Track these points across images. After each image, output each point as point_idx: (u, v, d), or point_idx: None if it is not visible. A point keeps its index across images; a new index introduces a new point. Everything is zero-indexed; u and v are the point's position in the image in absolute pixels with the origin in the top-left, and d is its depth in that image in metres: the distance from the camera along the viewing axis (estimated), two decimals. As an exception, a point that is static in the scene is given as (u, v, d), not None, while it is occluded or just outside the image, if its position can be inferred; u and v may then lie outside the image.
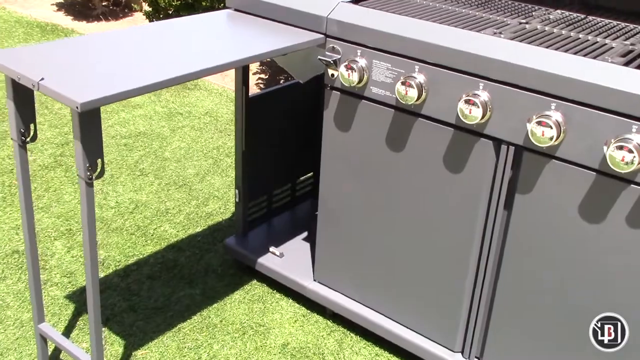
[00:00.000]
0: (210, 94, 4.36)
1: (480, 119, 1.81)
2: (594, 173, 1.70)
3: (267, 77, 4.71)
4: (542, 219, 1.83)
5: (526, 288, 1.92)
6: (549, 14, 2.16)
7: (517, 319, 1.98)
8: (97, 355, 1.90)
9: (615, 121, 1.62)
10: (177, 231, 2.92)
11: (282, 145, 2.70)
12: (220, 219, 3.02)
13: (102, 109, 3.98)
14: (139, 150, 3.57)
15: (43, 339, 2.08)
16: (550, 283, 1.87)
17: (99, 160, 1.66)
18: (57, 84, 1.57)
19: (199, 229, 2.94)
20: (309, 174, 2.92)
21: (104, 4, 5.96)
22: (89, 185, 1.67)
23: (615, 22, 2.10)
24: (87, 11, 5.90)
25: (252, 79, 4.67)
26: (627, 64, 1.70)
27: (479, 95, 1.80)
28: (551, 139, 1.69)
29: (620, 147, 1.59)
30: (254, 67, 4.87)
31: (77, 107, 1.50)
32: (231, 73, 4.50)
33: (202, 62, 1.81)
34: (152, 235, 2.87)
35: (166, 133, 3.79)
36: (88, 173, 1.65)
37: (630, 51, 1.81)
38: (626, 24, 2.09)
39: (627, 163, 1.59)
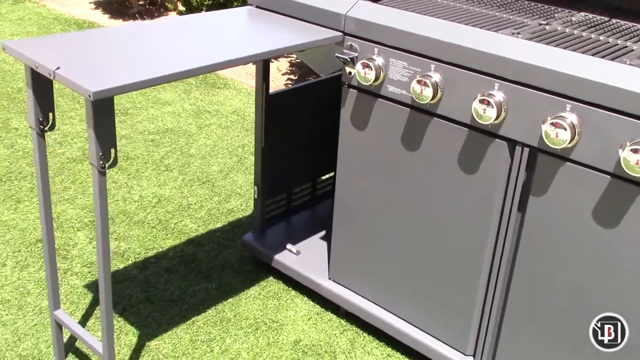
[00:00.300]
0: (238, 93, 4.39)
1: (495, 120, 1.79)
2: (609, 177, 1.67)
3: (296, 77, 4.73)
4: (556, 221, 1.80)
5: (539, 291, 1.89)
6: (571, 16, 2.13)
7: (530, 322, 1.95)
8: (108, 343, 1.93)
9: (631, 124, 1.59)
10: (198, 226, 2.95)
11: (303, 144, 2.71)
12: (241, 216, 3.04)
13: (131, 105, 4.05)
14: (166, 147, 3.62)
15: (58, 326, 2.12)
16: (564, 286, 1.84)
17: (112, 150, 1.69)
18: (72, 73, 1.60)
19: (219, 225, 2.97)
20: (330, 174, 2.92)
21: (140, 2, 6.06)
22: (102, 174, 1.70)
23: (638, 25, 2.06)
24: (124, 10, 6.01)
25: (282, 80, 4.70)
26: (646, 65, 1.66)
27: (493, 96, 1.78)
28: (565, 141, 1.66)
29: (636, 151, 1.56)
30: (283, 67, 4.90)
31: (89, 96, 1.53)
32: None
33: (218, 55, 1.83)
34: (172, 230, 2.91)
35: (193, 130, 3.83)
36: (101, 162, 1.68)
37: (651, 53, 1.77)
38: (650, 26, 2.05)
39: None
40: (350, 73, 2.09)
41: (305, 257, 2.57)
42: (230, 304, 2.49)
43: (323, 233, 2.71)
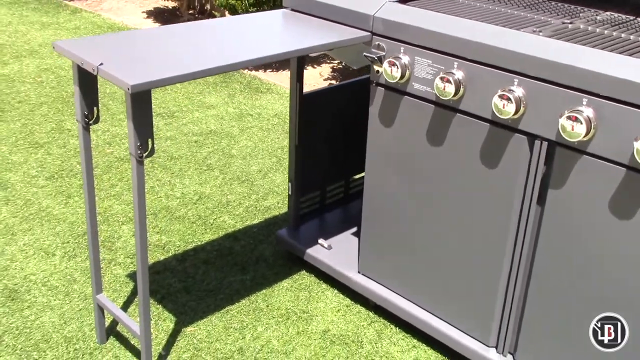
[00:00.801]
0: (281, 97, 4.52)
1: (514, 114, 1.84)
2: (624, 169, 1.70)
3: (338, 83, 4.83)
4: (574, 214, 1.84)
5: (558, 283, 1.93)
6: (596, 15, 2.17)
7: (550, 314, 1.99)
8: (144, 324, 2.05)
9: (644, 116, 1.63)
10: (235, 222, 3.06)
11: (336, 143, 2.80)
12: (277, 213, 3.15)
13: (177, 108, 4.21)
14: (208, 147, 3.76)
15: (100, 309, 2.26)
16: (582, 279, 1.88)
17: (150, 140, 1.81)
18: (113, 69, 1.73)
19: (255, 221, 3.08)
20: (363, 173, 3.00)
21: (190, 12, 6.27)
22: (140, 162, 1.83)
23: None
24: (175, 19, 6.23)
25: (323, 85, 4.80)
26: (663, 61, 1.70)
27: (513, 91, 1.84)
28: (581, 134, 1.71)
29: (648, 142, 1.60)
30: (325, 73, 5.01)
31: (128, 89, 1.66)
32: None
33: (251, 53, 1.95)
34: (211, 225, 3.03)
35: (235, 132, 3.97)
36: (139, 151, 1.80)
37: (671, 50, 1.80)
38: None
39: (654, 158, 1.59)
40: (377, 71, 2.18)
41: (337, 251, 2.65)
42: (263, 294, 2.59)
43: (355, 229, 2.79)
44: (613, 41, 1.88)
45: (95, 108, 1.99)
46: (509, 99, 1.83)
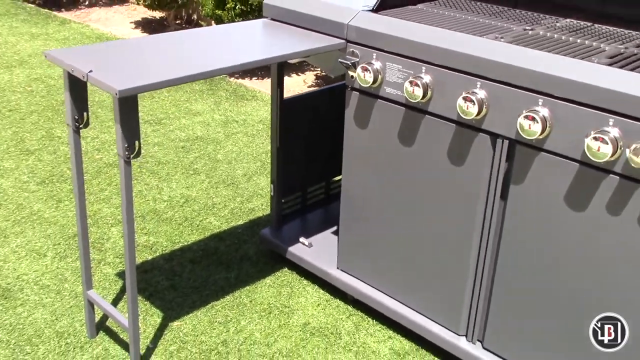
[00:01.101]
0: (265, 104, 4.65)
1: (477, 115, 1.98)
2: (577, 164, 1.84)
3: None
4: (534, 207, 1.98)
5: (521, 273, 2.07)
6: (556, 22, 2.31)
7: (514, 303, 2.12)
8: (132, 315, 2.16)
9: (594, 115, 1.77)
10: (221, 223, 3.18)
11: (316, 146, 2.93)
12: (261, 215, 3.27)
13: (165, 115, 4.32)
14: (195, 153, 3.88)
15: (90, 304, 2.37)
16: (543, 268, 2.01)
17: (136, 142, 1.93)
18: (102, 76, 1.85)
19: (240, 222, 3.20)
20: (343, 175, 3.13)
21: (177, 22, 6.39)
22: (127, 163, 1.95)
23: (619, 30, 2.23)
24: (162, 29, 6.35)
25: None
26: (611, 64, 1.84)
27: (476, 94, 1.98)
28: (537, 132, 1.84)
29: (597, 139, 1.74)
30: (309, 80, 5.15)
31: (116, 94, 1.78)
32: (286, 84, 4.79)
33: (231, 60, 2.07)
34: (197, 226, 3.15)
35: (221, 138, 4.09)
36: (126, 152, 1.92)
37: (620, 53, 1.94)
38: (629, 31, 2.22)
39: (602, 153, 1.73)
40: (352, 77, 2.31)
41: (317, 249, 2.78)
42: (246, 291, 2.71)
43: (335, 228, 2.92)
44: (569, 46, 2.02)
45: (85, 113, 2.11)
46: (472, 101, 1.97)
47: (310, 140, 2.90)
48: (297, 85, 5.06)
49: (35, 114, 4.28)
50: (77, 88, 2.05)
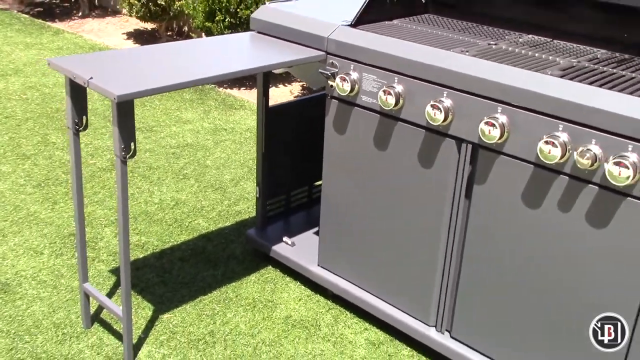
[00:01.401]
0: (253, 113, 4.83)
1: (443, 121, 2.17)
2: (532, 166, 2.04)
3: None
4: (495, 206, 2.17)
5: (485, 266, 2.26)
6: (519, 37, 2.52)
7: (479, 296, 2.30)
8: (126, 302, 2.33)
9: (546, 122, 1.97)
10: (209, 225, 3.36)
11: (299, 152, 3.11)
12: (247, 217, 3.45)
13: (156, 123, 4.49)
14: (185, 159, 4.06)
15: (86, 296, 2.53)
16: (505, 261, 2.20)
17: (132, 143, 2.11)
18: (101, 82, 2.03)
19: (227, 224, 3.38)
20: (325, 179, 3.31)
21: (168, 34, 6.58)
22: (124, 163, 2.12)
23: (575, 45, 2.44)
24: (154, 40, 6.53)
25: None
26: (563, 76, 2.04)
27: (443, 102, 2.17)
28: (496, 137, 2.04)
29: (548, 142, 1.93)
30: (296, 90, 5.34)
31: (114, 99, 1.96)
32: (274, 95, 4.98)
33: (220, 69, 2.26)
34: (186, 227, 3.32)
35: (210, 145, 4.27)
36: (123, 153, 2.10)
37: (572, 67, 2.15)
38: (584, 46, 2.42)
39: (553, 155, 1.93)
40: (331, 86, 2.50)
41: (299, 248, 2.96)
42: (232, 287, 2.88)
43: (316, 229, 3.08)
44: (527, 59, 2.22)
45: (84, 117, 2.29)
46: (439, 109, 2.17)
47: (294, 146, 3.08)
48: (284, 95, 5.25)
49: (31, 121, 4.45)
50: (78, 93, 2.23)
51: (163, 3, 6.00)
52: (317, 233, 3.05)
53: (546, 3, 2.57)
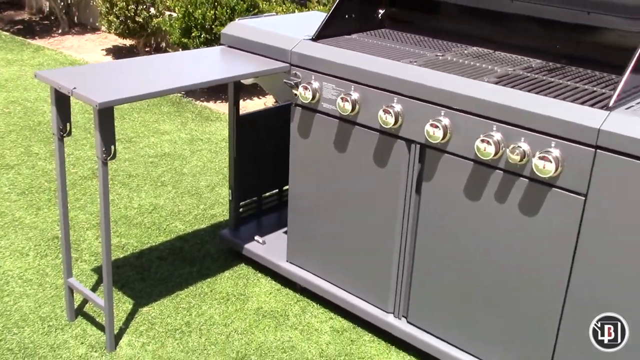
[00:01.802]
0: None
1: (394, 125, 2.42)
2: (472, 162, 2.29)
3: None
4: (441, 199, 2.42)
5: (434, 256, 2.50)
6: (465, 49, 2.78)
7: (431, 284, 2.54)
8: (107, 294, 2.53)
9: (482, 122, 2.22)
10: (185, 227, 3.57)
11: (269, 157, 3.34)
12: (222, 219, 3.67)
13: (135, 134, 4.70)
14: (162, 167, 4.27)
15: (70, 290, 2.74)
16: (452, 251, 2.44)
17: (112, 146, 2.33)
18: (84, 91, 2.25)
19: (203, 226, 3.59)
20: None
21: (146, 50, 6.80)
22: (105, 164, 2.34)
23: (514, 56, 2.70)
24: (132, 55, 6.75)
25: (267, 113, 5.36)
26: (498, 83, 2.30)
27: (393, 107, 2.42)
28: (439, 137, 2.29)
29: (483, 141, 2.19)
30: (269, 102, 5.58)
31: (96, 106, 2.18)
32: (249, 106, 5.22)
33: (191, 80, 2.49)
34: (164, 229, 3.54)
35: (187, 154, 4.49)
36: (104, 155, 2.32)
37: (507, 75, 2.41)
38: (522, 56, 2.69)
39: (488, 152, 2.18)
40: (295, 95, 2.74)
41: (270, 246, 3.18)
42: (207, 282, 3.09)
43: (286, 229, 3.31)
44: (469, 68, 2.48)
45: (68, 123, 2.50)
46: (390, 113, 2.41)
47: (264, 152, 3.31)
48: (258, 107, 5.48)
49: (14, 133, 4.64)
50: (62, 102, 2.45)
51: (141, 20, 6.23)
52: (286, 232, 3.28)
53: (491, 19, 2.83)
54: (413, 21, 3.10)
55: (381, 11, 3.11)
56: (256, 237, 3.22)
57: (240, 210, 3.33)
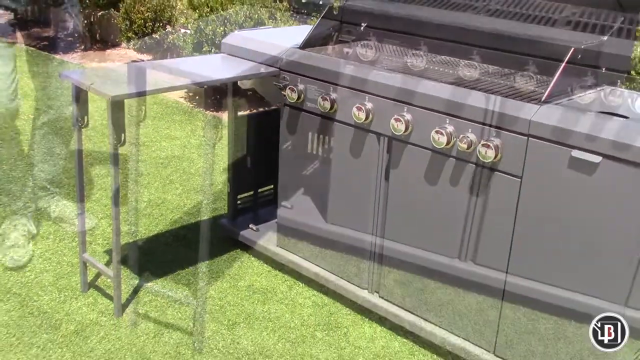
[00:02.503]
0: (234, 131, 5.46)
1: (365, 120, 2.79)
2: (430, 151, 2.65)
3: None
4: (406, 185, 2.78)
5: (401, 236, 2.85)
6: (434, 57, 3.15)
7: (399, 262, 2.89)
8: (116, 267, 2.92)
9: (437, 117, 2.59)
10: (189, 218, 3.96)
11: (265, 154, 3.71)
12: (222, 212, 4.05)
13: (148, 139, 5.09)
14: (172, 167, 4.67)
15: (84, 264, 3.12)
16: (415, 231, 2.80)
17: (122, 135, 2.73)
18: (99, 87, 2.66)
19: (205, 217, 3.97)
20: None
21: (162, 64, 7.26)
22: (116, 150, 2.74)
23: (477, 63, 3.06)
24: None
25: (271, 122, 5.76)
26: (453, 83, 2.67)
27: (365, 105, 2.80)
28: (402, 130, 2.66)
29: (437, 132, 2.55)
30: (274, 113, 5.99)
31: (109, 99, 2.58)
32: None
33: (193, 79, 2.89)
34: (170, 220, 3.92)
35: (195, 157, 4.89)
36: (115, 142, 2.71)
37: (464, 77, 2.78)
38: (483, 64, 3.05)
39: (441, 142, 2.54)
40: (284, 96, 3.13)
41: (263, 233, 3.55)
42: (207, 264, 3.46)
43: (278, 219, 3.69)
44: (433, 72, 2.85)
45: (86, 116, 2.91)
46: (362, 110, 2.79)
47: (259, 149, 3.69)
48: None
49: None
50: (81, 97, 2.85)
51: (157, 37, 6.69)
52: (278, 222, 3.64)
53: (461, 32, 3.20)
54: (391, 34, 3.47)
55: (363, 24, 3.50)
56: (251, 225, 3.59)
57: (238, 202, 3.71)
